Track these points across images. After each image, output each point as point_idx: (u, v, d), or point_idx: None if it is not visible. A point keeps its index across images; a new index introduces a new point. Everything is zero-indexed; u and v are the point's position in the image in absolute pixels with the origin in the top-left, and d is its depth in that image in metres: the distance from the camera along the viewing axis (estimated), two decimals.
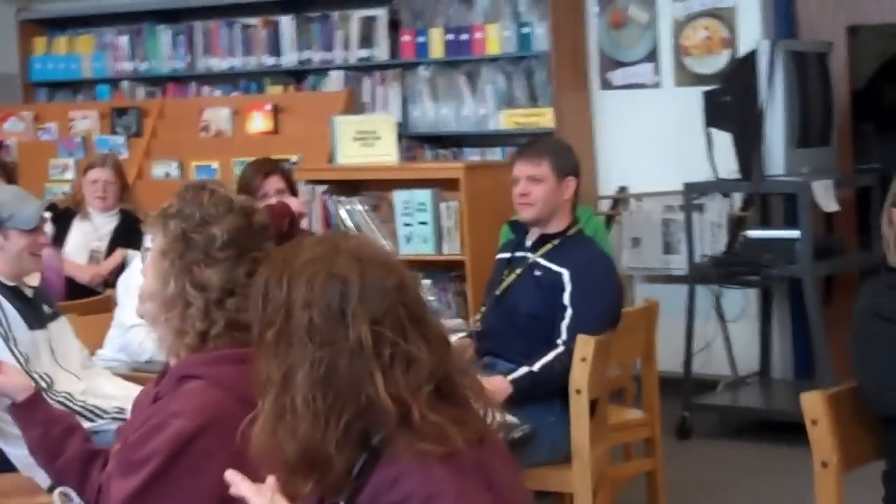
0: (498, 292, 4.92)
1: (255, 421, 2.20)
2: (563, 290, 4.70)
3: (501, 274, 4.96)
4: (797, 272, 6.66)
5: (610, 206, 7.84)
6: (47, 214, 4.66)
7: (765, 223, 7.36)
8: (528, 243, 4.89)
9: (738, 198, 7.38)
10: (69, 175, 8.09)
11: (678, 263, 7.37)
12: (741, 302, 7.40)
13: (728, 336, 7.40)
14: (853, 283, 6.71)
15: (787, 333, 7.56)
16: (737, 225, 7.27)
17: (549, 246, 4.83)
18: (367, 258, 2.17)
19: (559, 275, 4.72)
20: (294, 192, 5.87)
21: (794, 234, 6.66)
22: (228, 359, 2.63)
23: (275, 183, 5.73)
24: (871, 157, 7.62)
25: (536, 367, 4.56)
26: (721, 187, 7.12)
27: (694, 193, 7.11)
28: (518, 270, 4.86)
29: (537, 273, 4.80)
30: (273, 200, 5.64)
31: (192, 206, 2.70)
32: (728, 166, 6.96)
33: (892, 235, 3.55)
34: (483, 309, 5.06)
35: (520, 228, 4.98)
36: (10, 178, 6.59)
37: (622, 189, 7.84)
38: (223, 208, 2.70)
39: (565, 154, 4.92)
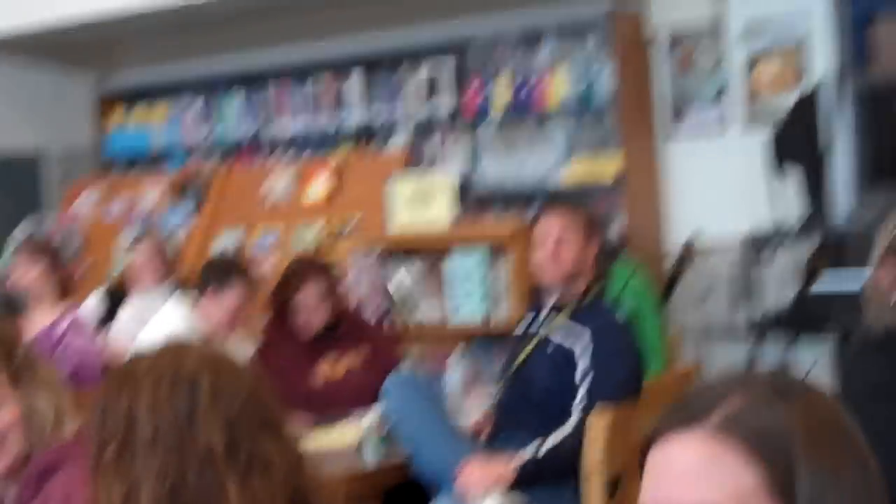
0: (514, 366, 4.66)
1: None
2: (575, 364, 4.42)
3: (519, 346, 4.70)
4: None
5: (677, 260, 7.40)
6: None
7: (839, 268, 6.86)
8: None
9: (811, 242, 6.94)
10: None
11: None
12: (813, 357, 6.68)
13: None
14: None
15: None
16: (812, 272, 6.82)
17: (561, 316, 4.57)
18: (217, 360, 2.02)
19: (571, 351, 4.46)
20: (333, 294, 5.63)
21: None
22: None
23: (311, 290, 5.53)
24: None
25: (542, 452, 4.26)
26: (784, 235, 6.66)
27: (757, 245, 6.65)
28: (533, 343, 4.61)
29: (549, 349, 4.54)
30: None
31: None
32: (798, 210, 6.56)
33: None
34: (499, 383, 4.79)
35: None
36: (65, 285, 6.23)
37: (690, 242, 7.38)
38: None
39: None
